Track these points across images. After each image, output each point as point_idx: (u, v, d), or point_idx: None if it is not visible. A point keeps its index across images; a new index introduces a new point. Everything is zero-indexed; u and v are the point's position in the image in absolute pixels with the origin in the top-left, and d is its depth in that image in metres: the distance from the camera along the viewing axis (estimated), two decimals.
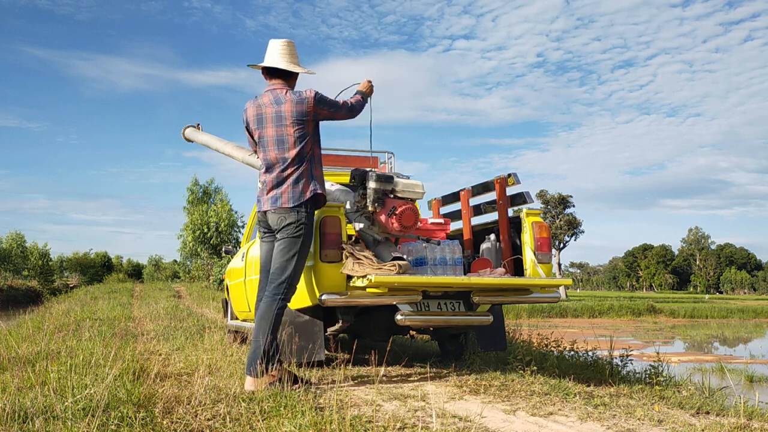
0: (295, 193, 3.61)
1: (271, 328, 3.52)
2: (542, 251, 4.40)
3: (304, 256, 3.68)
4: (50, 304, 14.66)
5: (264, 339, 3.49)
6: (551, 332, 7.06)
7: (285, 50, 3.76)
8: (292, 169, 3.64)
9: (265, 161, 3.74)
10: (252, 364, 3.48)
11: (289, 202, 3.60)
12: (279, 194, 3.63)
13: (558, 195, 47.22)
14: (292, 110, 3.64)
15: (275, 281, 3.60)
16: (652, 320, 27.24)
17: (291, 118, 3.64)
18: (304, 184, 3.63)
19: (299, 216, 3.61)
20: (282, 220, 3.63)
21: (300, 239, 3.62)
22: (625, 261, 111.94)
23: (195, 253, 30.78)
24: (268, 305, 3.57)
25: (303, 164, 3.66)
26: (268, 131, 3.69)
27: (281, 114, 3.66)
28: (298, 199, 3.60)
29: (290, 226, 3.61)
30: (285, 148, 3.65)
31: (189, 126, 7.98)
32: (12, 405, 2.74)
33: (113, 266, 61.34)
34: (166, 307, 12.46)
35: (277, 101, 3.69)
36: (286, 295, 3.60)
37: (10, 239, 50.56)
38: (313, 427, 2.58)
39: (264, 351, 3.47)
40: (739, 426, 2.99)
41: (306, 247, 3.68)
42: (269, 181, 3.69)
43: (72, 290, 29.76)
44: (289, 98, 3.67)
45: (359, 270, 3.79)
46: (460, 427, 2.80)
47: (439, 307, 4.17)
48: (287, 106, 3.65)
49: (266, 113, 3.71)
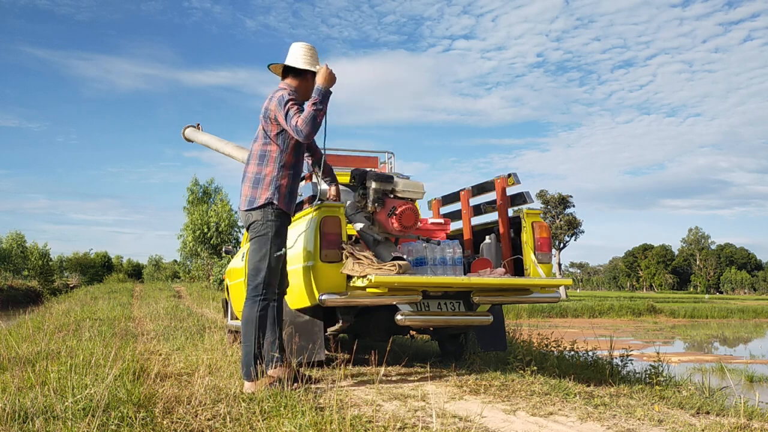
0: (252, 196, 3.59)
1: (258, 331, 3.49)
2: (542, 251, 4.40)
3: (276, 254, 3.59)
4: (50, 304, 14.66)
5: (253, 342, 3.47)
6: (551, 332, 7.06)
7: (299, 52, 3.74)
8: (251, 166, 3.63)
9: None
10: (246, 368, 3.47)
11: (245, 206, 3.61)
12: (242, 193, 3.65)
13: (558, 195, 47.21)
14: (265, 106, 3.62)
15: (252, 283, 3.58)
16: (652, 320, 27.23)
17: (262, 112, 3.64)
18: (262, 189, 3.58)
19: (264, 214, 3.56)
20: (248, 218, 3.61)
21: (267, 237, 3.55)
22: (625, 261, 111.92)
23: (195, 253, 30.79)
24: (250, 308, 3.54)
25: (263, 165, 3.60)
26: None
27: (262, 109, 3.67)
28: (252, 204, 3.58)
29: (256, 224, 3.58)
30: (255, 141, 3.67)
31: (189, 126, 7.99)
32: (12, 405, 2.75)
33: (113, 266, 61.34)
34: (166, 307, 12.46)
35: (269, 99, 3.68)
36: (266, 295, 3.56)
37: (10, 239, 50.55)
38: (313, 427, 2.58)
39: (254, 354, 3.45)
40: (739, 426, 2.99)
41: (276, 246, 3.59)
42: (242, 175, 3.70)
43: (72, 290, 29.76)
44: (270, 95, 3.65)
45: (359, 270, 3.79)
46: (460, 427, 2.80)
47: (439, 307, 4.17)
48: (266, 102, 3.64)
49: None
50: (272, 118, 3.57)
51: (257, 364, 3.44)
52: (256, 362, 3.44)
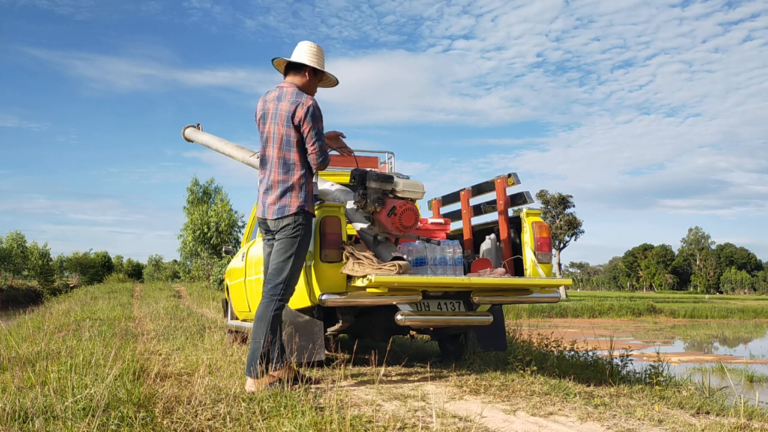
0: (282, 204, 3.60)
1: (269, 329, 3.53)
2: (542, 251, 4.40)
3: (301, 258, 3.68)
4: (50, 304, 14.67)
5: (262, 340, 3.50)
6: (551, 332, 7.06)
7: (309, 50, 3.73)
8: (275, 174, 3.63)
9: (261, 158, 3.74)
10: (251, 365, 3.49)
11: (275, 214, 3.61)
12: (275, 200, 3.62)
13: (558, 195, 47.21)
14: (286, 111, 3.60)
15: (272, 282, 3.60)
16: (652, 320, 27.24)
17: (284, 119, 3.61)
18: (292, 198, 3.60)
19: (296, 219, 3.60)
20: (278, 224, 3.63)
21: (296, 240, 3.61)
22: (625, 261, 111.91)
23: (195, 253, 30.79)
24: (266, 306, 3.57)
25: (289, 174, 3.61)
26: (269, 127, 3.68)
27: (277, 111, 3.64)
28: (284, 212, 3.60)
29: (288, 228, 3.61)
30: (274, 147, 3.64)
31: (189, 126, 7.99)
32: (12, 405, 2.75)
33: (113, 266, 61.36)
34: (166, 307, 12.46)
35: (279, 97, 3.66)
36: (284, 296, 3.61)
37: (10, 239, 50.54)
38: (313, 427, 2.58)
39: (263, 352, 3.48)
40: (739, 426, 2.99)
41: (303, 249, 3.67)
42: (264, 182, 3.69)
43: (72, 290, 29.76)
44: (288, 97, 3.63)
45: (359, 270, 3.79)
46: (460, 427, 2.80)
47: (439, 307, 4.17)
48: (284, 105, 3.62)
49: (268, 109, 3.70)
50: (295, 124, 3.59)
51: (263, 362, 3.47)
52: (262, 361, 3.46)
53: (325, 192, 4.56)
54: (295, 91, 3.66)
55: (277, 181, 3.61)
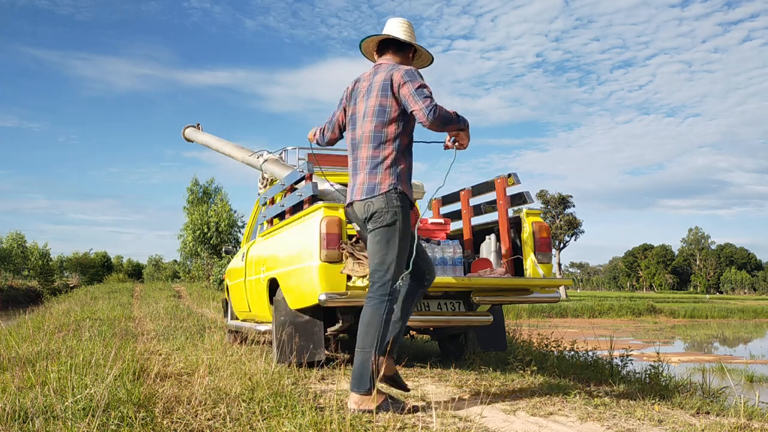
0: (371, 183, 3.11)
1: (380, 336, 3.02)
2: (542, 251, 4.40)
3: (404, 246, 3.11)
4: (50, 304, 14.67)
5: (373, 349, 3.00)
6: (551, 332, 7.06)
7: (402, 27, 3.29)
8: (364, 150, 3.16)
9: (351, 141, 3.27)
10: (361, 378, 2.99)
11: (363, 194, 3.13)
12: (364, 179, 3.14)
13: (558, 195, 47.23)
14: (382, 81, 3.12)
15: (378, 281, 3.08)
16: (652, 320, 27.24)
17: (378, 91, 3.13)
18: (383, 175, 3.09)
19: (388, 200, 3.07)
20: (367, 208, 3.12)
21: (396, 226, 3.07)
22: (625, 261, 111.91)
23: (195, 253, 30.80)
24: (375, 309, 3.04)
25: (380, 149, 3.12)
26: (359, 106, 3.23)
27: (371, 86, 3.18)
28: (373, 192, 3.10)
29: (380, 212, 3.08)
30: (366, 122, 3.16)
31: (189, 126, 8.00)
32: (12, 405, 2.74)
33: (113, 266, 61.40)
34: (166, 307, 12.46)
35: (376, 73, 3.21)
36: (394, 295, 3.10)
37: (10, 239, 50.57)
38: (313, 427, 2.58)
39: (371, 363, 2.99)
40: (739, 426, 2.99)
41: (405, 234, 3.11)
42: (352, 165, 3.24)
43: (72, 290, 29.77)
44: (384, 69, 3.18)
45: (359, 270, 3.79)
46: (460, 427, 2.80)
47: (440, 307, 4.17)
48: (380, 76, 3.16)
49: (361, 87, 3.26)
50: (394, 92, 3.09)
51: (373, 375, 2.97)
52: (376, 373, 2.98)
53: (325, 192, 4.56)
54: (393, 64, 3.22)
55: (367, 157, 3.13)
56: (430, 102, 3.00)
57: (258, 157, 5.91)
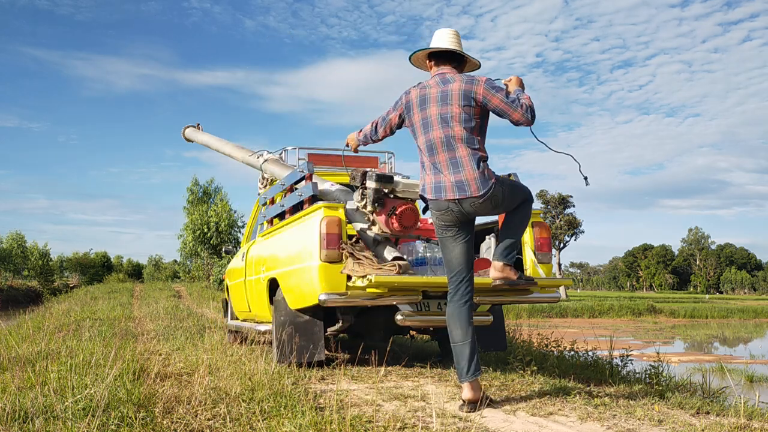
0: (482, 177, 3.25)
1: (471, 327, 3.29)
2: (542, 251, 4.40)
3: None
4: (50, 304, 14.67)
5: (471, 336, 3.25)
6: (551, 332, 7.06)
7: (456, 38, 3.48)
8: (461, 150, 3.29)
9: (427, 143, 3.37)
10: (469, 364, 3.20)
11: (482, 189, 3.24)
12: (464, 180, 3.25)
13: (558, 195, 47.20)
14: (460, 90, 3.31)
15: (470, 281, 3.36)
16: (652, 320, 27.25)
17: (458, 98, 3.30)
18: (486, 169, 3.29)
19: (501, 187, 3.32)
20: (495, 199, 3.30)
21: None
22: (625, 261, 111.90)
23: (195, 253, 30.80)
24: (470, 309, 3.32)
25: (476, 147, 3.31)
26: (433, 110, 3.35)
27: (447, 93, 3.33)
28: (487, 184, 3.25)
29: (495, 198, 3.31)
30: (451, 127, 3.31)
31: (189, 126, 8.00)
32: (12, 405, 2.75)
33: (113, 266, 61.40)
34: (166, 307, 12.46)
35: (445, 81, 3.37)
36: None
37: (10, 239, 50.57)
38: (313, 427, 2.58)
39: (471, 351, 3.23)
40: (739, 426, 2.99)
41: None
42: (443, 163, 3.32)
43: (72, 290, 29.78)
44: (458, 78, 3.36)
45: (359, 270, 3.79)
46: (460, 427, 2.80)
47: (440, 307, 4.17)
48: (455, 85, 3.33)
49: (431, 93, 3.38)
50: (479, 100, 3.30)
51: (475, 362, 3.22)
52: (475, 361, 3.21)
53: (325, 192, 4.56)
54: (461, 75, 3.41)
55: (467, 156, 3.27)
56: (523, 105, 3.31)
57: (258, 157, 5.91)
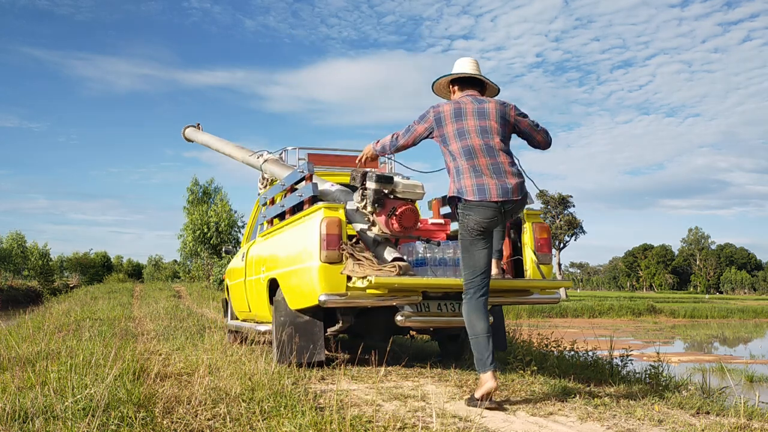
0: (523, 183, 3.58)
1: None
2: (542, 252, 4.40)
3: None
4: (50, 304, 14.67)
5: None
6: (551, 332, 7.05)
7: (477, 66, 3.82)
8: (507, 157, 3.60)
9: (464, 148, 3.55)
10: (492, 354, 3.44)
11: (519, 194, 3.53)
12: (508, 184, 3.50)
13: (558, 195, 47.17)
14: (496, 109, 3.64)
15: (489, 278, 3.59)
16: (652, 320, 27.25)
17: (495, 116, 3.62)
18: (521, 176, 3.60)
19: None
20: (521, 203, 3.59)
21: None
22: (625, 261, 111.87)
23: (195, 253, 30.79)
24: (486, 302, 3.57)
25: (515, 159, 3.65)
26: (470, 123, 3.59)
27: (484, 110, 3.62)
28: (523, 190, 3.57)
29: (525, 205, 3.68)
30: (491, 137, 3.59)
31: (189, 126, 8.00)
32: (12, 405, 2.75)
33: (113, 266, 61.38)
34: (166, 307, 12.46)
35: (479, 101, 3.66)
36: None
37: (10, 239, 50.59)
38: (313, 427, 2.58)
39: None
40: (739, 426, 2.99)
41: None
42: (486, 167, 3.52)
43: (72, 290, 29.77)
44: (491, 100, 3.70)
45: (359, 271, 3.79)
46: (460, 427, 2.80)
47: (440, 308, 4.16)
48: (491, 105, 3.65)
49: (467, 108, 3.63)
50: (511, 121, 3.68)
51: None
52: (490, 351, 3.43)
53: (325, 192, 4.56)
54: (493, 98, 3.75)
55: (508, 164, 3.56)
56: (543, 130, 3.80)
57: (258, 157, 5.91)
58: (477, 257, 3.51)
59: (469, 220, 3.48)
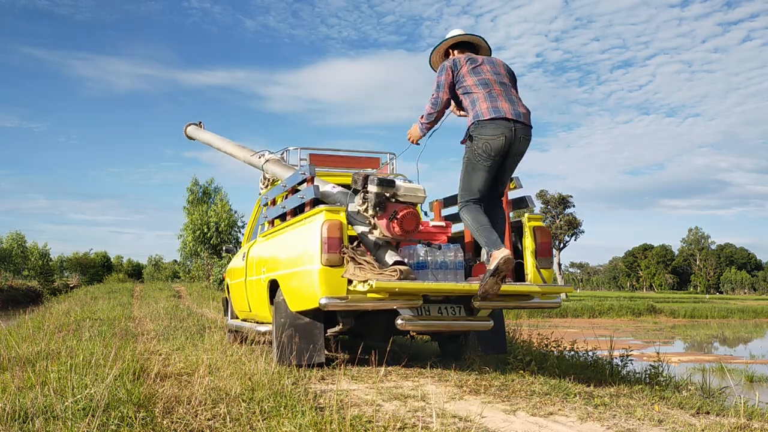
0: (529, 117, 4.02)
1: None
2: (543, 256, 4.38)
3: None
4: (50, 304, 14.66)
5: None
6: (551, 332, 7.06)
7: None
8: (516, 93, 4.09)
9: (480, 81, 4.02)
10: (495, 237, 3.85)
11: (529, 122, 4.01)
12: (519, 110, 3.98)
13: (558, 195, 47.16)
14: (503, 63, 4.24)
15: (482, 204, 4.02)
16: (652, 320, 27.24)
17: (503, 67, 4.20)
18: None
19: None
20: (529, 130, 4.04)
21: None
22: (625, 261, 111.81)
23: (195, 253, 30.78)
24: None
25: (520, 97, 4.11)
26: (484, 67, 4.11)
27: (494, 61, 4.20)
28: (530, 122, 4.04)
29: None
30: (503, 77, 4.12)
31: (191, 124, 8.00)
32: (12, 405, 2.75)
33: (113, 266, 61.30)
34: (166, 307, 12.46)
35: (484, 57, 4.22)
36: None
37: (10, 239, 50.58)
38: (313, 427, 2.58)
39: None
40: (739, 426, 2.99)
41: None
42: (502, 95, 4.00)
43: (72, 290, 29.76)
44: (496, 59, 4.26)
45: (360, 275, 3.78)
46: (460, 427, 2.80)
47: (440, 312, 4.14)
48: (498, 60, 4.27)
49: (478, 58, 4.17)
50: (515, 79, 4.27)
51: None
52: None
53: (326, 194, 4.56)
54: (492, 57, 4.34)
55: (518, 97, 4.07)
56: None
57: (260, 157, 5.91)
58: (475, 181, 3.96)
59: (479, 140, 3.91)
